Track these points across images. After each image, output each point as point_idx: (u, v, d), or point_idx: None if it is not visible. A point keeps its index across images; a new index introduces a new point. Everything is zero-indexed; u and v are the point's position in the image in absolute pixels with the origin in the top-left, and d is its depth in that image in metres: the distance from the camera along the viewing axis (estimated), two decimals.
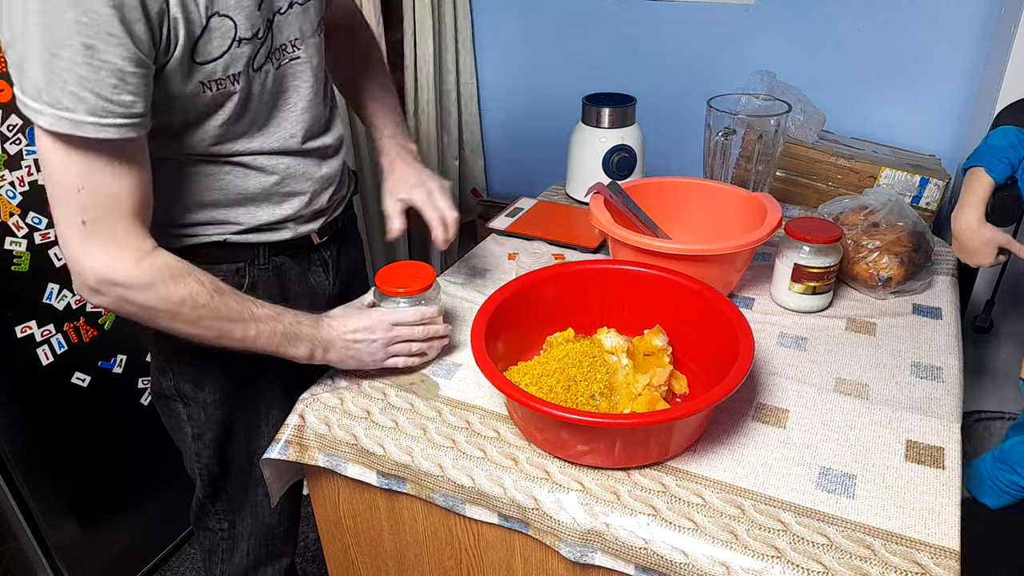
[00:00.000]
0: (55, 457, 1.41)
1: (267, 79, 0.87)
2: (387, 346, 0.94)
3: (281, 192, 0.95)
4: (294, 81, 0.92)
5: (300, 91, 0.92)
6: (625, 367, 0.89)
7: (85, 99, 0.69)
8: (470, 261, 1.29)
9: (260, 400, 1.06)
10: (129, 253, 0.77)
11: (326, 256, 1.08)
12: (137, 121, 0.74)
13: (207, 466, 1.06)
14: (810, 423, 0.88)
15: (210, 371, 1.01)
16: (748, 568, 0.71)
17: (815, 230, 1.07)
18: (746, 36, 1.94)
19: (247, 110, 0.86)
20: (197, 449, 1.05)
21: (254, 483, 1.09)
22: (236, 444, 1.07)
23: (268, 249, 0.99)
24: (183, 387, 1.02)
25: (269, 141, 0.91)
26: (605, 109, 1.44)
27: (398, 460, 0.88)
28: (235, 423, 1.05)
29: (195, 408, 1.03)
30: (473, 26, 2.29)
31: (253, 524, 1.12)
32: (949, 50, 1.75)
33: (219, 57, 0.80)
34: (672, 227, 1.18)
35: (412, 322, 0.94)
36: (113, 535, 1.57)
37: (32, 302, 1.31)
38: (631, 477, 0.81)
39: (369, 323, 0.92)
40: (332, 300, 1.11)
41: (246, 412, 1.06)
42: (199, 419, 1.03)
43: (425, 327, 0.96)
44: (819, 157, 1.60)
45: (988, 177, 1.05)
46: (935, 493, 0.78)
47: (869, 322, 1.09)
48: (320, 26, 0.94)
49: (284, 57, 0.89)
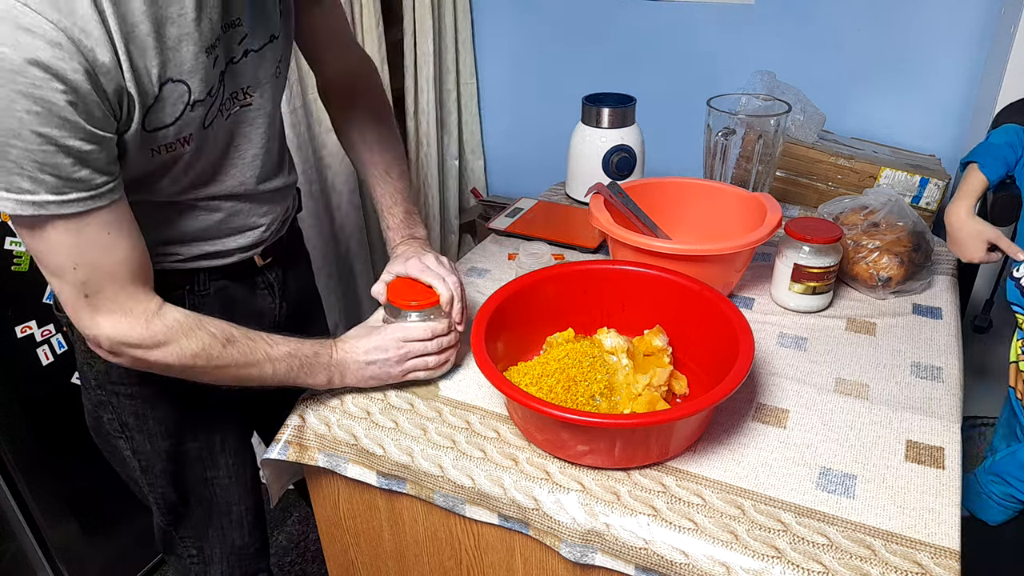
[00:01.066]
0: (55, 457, 1.41)
1: (218, 131, 0.84)
2: (401, 362, 0.92)
3: (229, 227, 0.93)
4: (245, 128, 0.88)
5: (251, 138, 0.89)
6: (625, 367, 0.89)
7: (45, 181, 0.66)
8: (470, 261, 1.29)
9: (215, 427, 1.03)
10: (136, 316, 0.78)
11: (271, 278, 1.03)
12: (104, 190, 0.71)
13: (163, 495, 1.02)
14: (810, 423, 0.88)
15: (154, 401, 0.97)
16: (748, 568, 0.71)
17: (815, 230, 1.07)
18: (746, 36, 1.94)
19: (195, 165, 0.84)
20: (149, 481, 1.01)
21: (217, 508, 1.05)
22: (190, 471, 1.03)
23: (209, 274, 0.95)
24: (126, 419, 0.98)
25: (219, 188, 0.89)
26: (605, 109, 1.44)
27: (398, 460, 0.88)
28: (187, 451, 1.01)
29: (140, 440, 0.98)
30: (473, 26, 2.29)
31: (222, 548, 1.08)
32: (949, 50, 1.75)
33: (171, 124, 0.76)
34: (672, 227, 1.18)
35: (423, 339, 0.93)
36: (113, 535, 1.57)
37: (32, 302, 1.31)
38: (631, 477, 0.81)
39: (380, 342, 0.92)
40: (279, 322, 1.07)
41: (198, 438, 1.02)
42: (145, 451, 0.99)
43: (437, 340, 0.94)
44: (819, 157, 1.60)
45: (981, 174, 1.05)
46: (935, 493, 0.78)
47: (869, 322, 1.09)
48: (280, 65, 0.90)
49: (235, 105, 0.85)
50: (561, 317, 1.00)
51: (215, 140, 0.84)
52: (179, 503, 1.03)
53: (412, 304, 0.95)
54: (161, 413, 0.97)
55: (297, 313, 1.11)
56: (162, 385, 0.95)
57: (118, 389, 0.96)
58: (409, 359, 0.93)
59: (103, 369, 0.95)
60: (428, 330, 0.93)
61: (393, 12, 2.11)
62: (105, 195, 0.72)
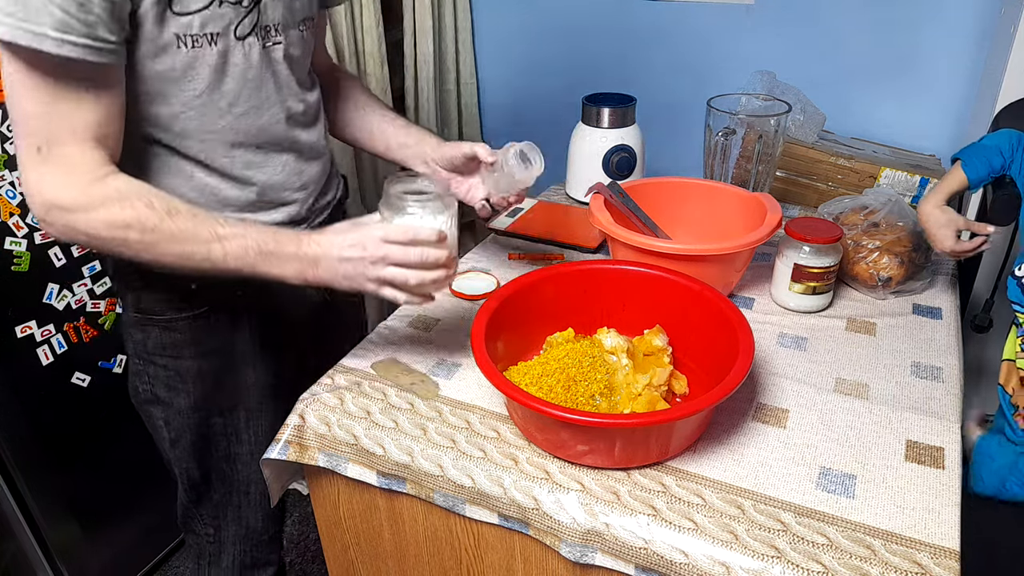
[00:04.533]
0: (55, 457, 1.41)
1: (251, 53, 0.85)
2: (377, 265, 0.82)
3: (263, 200, 0.93)
4: (278, 67, 0.89)
5: (281, 78, 0.90)
6: (625, 367, 0.89)
7: (51, 13, 0.67)
8: (470, 261, 1.29)
9: (239, 404, 1.04)
10: (78, 176, 0.75)
11: None
12: (101, 46, 0.71)
13: (187, 471, 1.04)
14: (810, 423, 0.88)
15: (185, 375, 0.98)
16: (748, 568, 0.71)
17: (815, 230, 1.07)
18: (746, 36, 1.94)
19: (223, 82, 0.83)
20: (176, 454, 1.03)
21: (237, 489, 1.07)
22: (215, 449, 1.04)
23: None
24: (158, 391, 0.99)
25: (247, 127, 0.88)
26: (605, 109, 1.43)
27: (398, 460, 0.88)
28: (212, 428, 1.03)
29: (171, 413, 1.00)
30: (473, 26, 2.29)
31: (237, 530, 1.10)
32: (949, 50, 1.75)
33: (198, 11, 0.77)
34: (672, 227, 1.18)
35: (402, 241, 0.82)
36: (113, 535, 1.57)
37: (32, 302, 1.31)
38: (631, 477, 0.81)
39: (359, 239, 0.82)
40: (320, 310, 1.08)
41: (223, 416, 1.03)
42: (175, 423, 1.01)
43: (421, 249, 0.82)
44: (819, 157, 1.60)
45: (961, 173, 1.06)
46: (935, 493, 0.78)
47: (869, 322, 1.09)
48: (307, 24, 0.93)
49: (267, 39, 0.86)
50: (561, 317, 1.00)
51: (247, 62, 0.85)
52: (201, 481, 1.05)
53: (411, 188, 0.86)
54: (191, 386, 0.99)
55: (338, 301, 1.11)
56: (194, 357, 0.96)
57: (153, 359, 0.98)
58: (388, 265, 0.82)
59: (140, 339, 0.97)
60: (410, 232, 0.82)
61: (393, 12, 2.11)
62: (103, 52, 0.72)
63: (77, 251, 1.35)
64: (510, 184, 1.00)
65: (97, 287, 1.40)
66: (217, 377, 1.00)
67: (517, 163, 0.96)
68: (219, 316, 0.98)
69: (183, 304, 0.95)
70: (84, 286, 1.38)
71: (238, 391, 1.03)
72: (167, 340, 0.96)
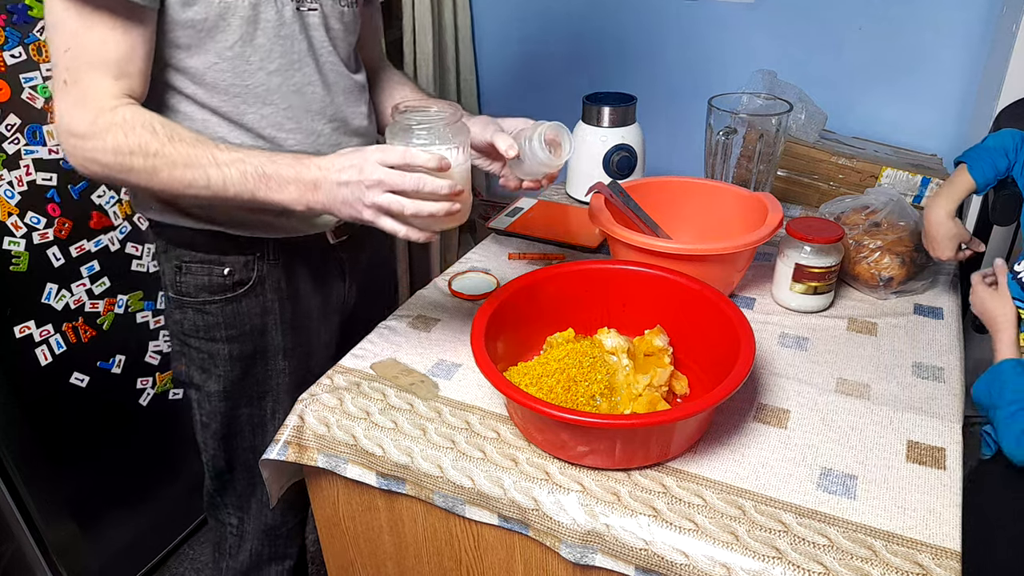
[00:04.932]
0: (54, 457, 1.40)
1: (284, 10, 0.87)
2: (373, 189, 0.78)
3: None
4: (313, 32, 0.91)
5: (316, 44, 0.92)
6: (625, 367, 0.89)
7: None
8: (470, 261, 1.29)
9: (267, 396, 1.06)
10: (92, 105, 0.79)
11: (342, 256, 1.07)
12: None
13: (213, 458, 1.07)
14: (811, 424, 0.88)
15: (216, 357, 1.01)
16: (749, 569, 0.71)
17: (816, 230, 1.07)
18: (747, 35, 1.94)
19: (255, 36, 0.86)
20: (204, 439, 1.07)
21: (261, 480, 1.09)
22: (240, 438, 1.07)
23: (278, 244, 0.99)
24: (193, 373, 1.04)
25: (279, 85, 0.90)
26: (605, 108, 1.43)
27: (398, 461, 0.87)
28: (239, 417, 1.06)
29: (202, 396, 1.04)
30: (473, 25, 2.28)
31: (259, 522, 1.13)
32: (950, 49, 1.75)
33: None
34: (673, 227, 1.18)
35: (397, 164, 0.79)
36: (112, 535, 1.57)
37: (31, 302, 1.30)
38: (631, 478, 0.81)
39: (358, 161, 0.80)
40: (346, 305, 1.11)
41: (251, 407, 1.06)
42: (206, 408, 1.05)
43: (418, 176, 0.78)
44: (820, 156, 1.59)
45: (968, 176, 1.05)
46: (936, 494, 0.78)
47: (870, 322, 1.08)
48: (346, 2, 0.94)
49: (304, 4, 0.89)
50: (561, 317, 0.99)
51: (280, 19, 0.87)
52: (226, 469, 1.08)
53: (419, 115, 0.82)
54: (222, 370, 1.02)
55: (365, 297, 1.14)
56: (225, 340, 1.00)
57: (189, 341, 1.02)
58: (384, 191, 0.78)
59: (178, 319, 1.02)
60: (406, 156, 0.79)
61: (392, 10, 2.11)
62: None
63: (76, 251, 1.35)
64: (536, 169, 0.95)
65: (96, 287, 1.40)
66: (246, 364, 1.03)
67: (541, 148, 0.90)
68: (250, 302, 1.01)
69: (216, 288, 0.99)
70: (83, 286, 1.37)
71: (267, 381, 1.06)
72: (200, 322, 1.00)
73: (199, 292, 0.99)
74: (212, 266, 0.98)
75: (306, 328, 1.08)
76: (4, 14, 1.16)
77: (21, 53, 1.19)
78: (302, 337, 1.08)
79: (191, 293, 0.99)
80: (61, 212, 1.30)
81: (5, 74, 1.18)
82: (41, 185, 1.26)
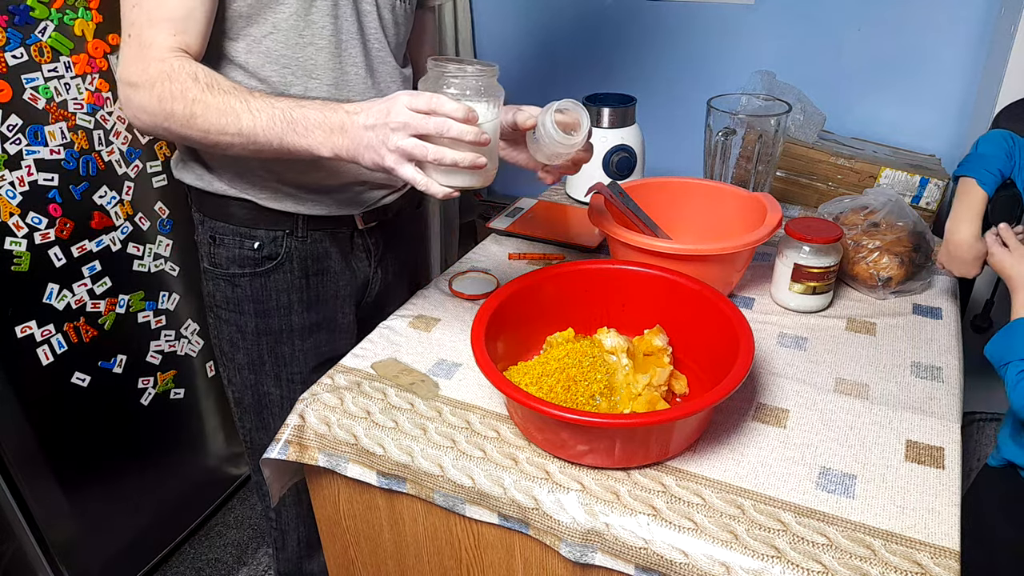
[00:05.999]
0: (55, 457, 1.41)
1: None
2: (398, 132, 0.78)
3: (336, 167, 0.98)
4: (365, 19, 0.95)
5: (368, 31, 0.96)
6: (625, 367, 0.89)
7: None
8: (470, 261, 1.29)
9: (297, 376, 1.10)
10: (146, 56, 0.83)
11: (370, 242, 1.10)
12: None
13: (248, 431, 1.10)
14: (810, 423, 0.88)
15: (245, 330, 1.05)
16: (748, 568, 0.71)
17: (815, 230, 1.07)
18: (746, 36, 1.94)
19: (311, 11, 0.90)
20: (239, 414, 1.10)
21: None
22: (271, 418, 1.10)
23: (307, 221, 1.02)
24: (223, 347, 1.08)
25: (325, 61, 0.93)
26: (605, 109, 1.43)
27: (398, 460, 0.88)
28: (268, 393, 1.09)
29: (231, 370, 1.08)
30: (473, 26, 2.29)
31: (298, 511, 1.13)
32: (949, 49, 1.75)
33: None
34: (672, 227, 1.18)
35: (424, 109, 0.78)
36: (113, 535, 1.57)
37: (32, 302, 1.30)
38: (631, 477, 0.81)
39: (386, 105, 0.79)
40: (372, 288, 1.14)
41: (280, 384, 1.09)
42: (236, 383, 1.09)
43: (442, 119, 0.77)
44: (819, 157, 1.60)
45: (981, 190, 1.04)
46: (935, 493, 0.78)
47: (869, 322, 1.09)
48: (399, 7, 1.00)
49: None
50: (561, 317, 1.00)
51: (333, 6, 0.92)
52: (262, 448, 1.09)
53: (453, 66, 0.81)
54: (250, 343, 1.07)
55: (391, 280, 1.17)
56: (253, 315, 1.05)
57: (219, 313, 1.07)
58: (409, 134, 0.78)
59: (211, 290, 1.06)
60: (433, 101, 0.77)
61: None
62: None
63: (77, 251, 1.35)
64: (554, 149, 0.90)
65: (97, 287, 1.40)
66: (273, 340, 1.07)
67: (552, 125, 0.86)
68: (277, 278, 1.05)
69: (245, 261, 1.04)
70: (84, 286, 1.38)
71: (293, 360, 1.09)
72: (230, 295, 1.05)
73: (230, 264, 1.04)
74: (243, 239, 1.03)
75: (331, 310, 1.11)
76: (5, 15, 1.16)
77: (23, 54, 1.19)
78: (326, 318, 1.11)
79: (223, 265, 1.04)
80: (62, 212, 1.30)
81: (6, 75, 1.18)
82: (42, 185, 1.26)
